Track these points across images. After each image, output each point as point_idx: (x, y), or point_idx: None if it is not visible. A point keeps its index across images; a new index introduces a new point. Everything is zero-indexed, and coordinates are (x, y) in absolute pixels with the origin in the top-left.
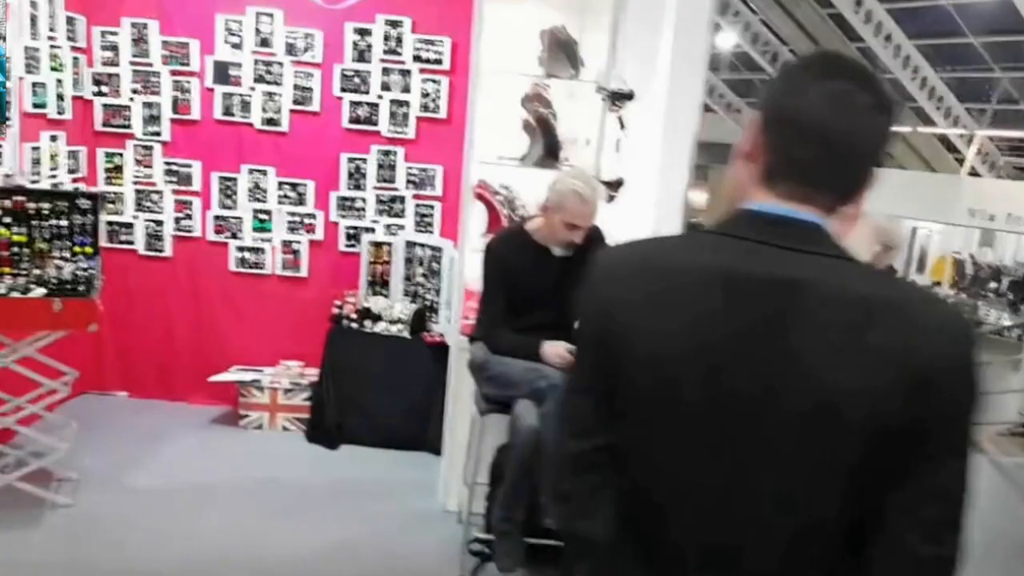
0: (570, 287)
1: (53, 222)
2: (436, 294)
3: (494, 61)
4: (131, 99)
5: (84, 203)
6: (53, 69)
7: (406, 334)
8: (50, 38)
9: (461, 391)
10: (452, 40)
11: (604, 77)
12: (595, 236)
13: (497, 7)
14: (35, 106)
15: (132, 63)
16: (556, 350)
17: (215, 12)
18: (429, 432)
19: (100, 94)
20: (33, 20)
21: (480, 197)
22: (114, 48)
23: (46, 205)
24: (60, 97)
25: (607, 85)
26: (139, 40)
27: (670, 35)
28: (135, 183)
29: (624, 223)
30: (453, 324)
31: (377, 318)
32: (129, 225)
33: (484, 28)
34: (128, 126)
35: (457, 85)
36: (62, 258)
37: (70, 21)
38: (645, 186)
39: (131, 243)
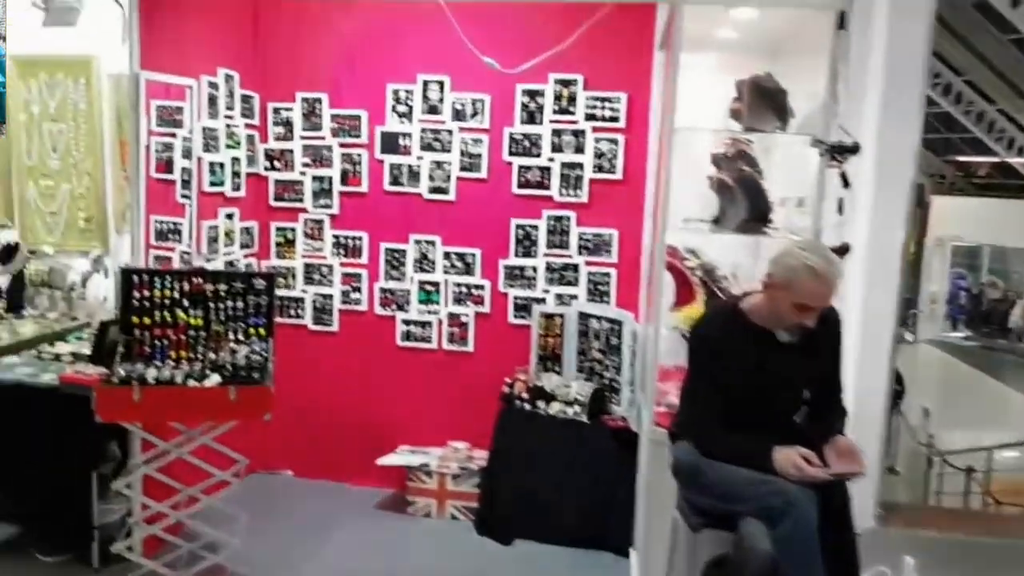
0: (800, 378)
1: (229, 303)
2: (615, 372)
3: (680, 116)
4: (302, 173)
5: (259, 283)
6: (229, 147)
7: (584, 417)
8: (227, 117)
9: (656, 489)
10: (628, 96)
11: (821, 128)
12: (830, 319)
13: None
14: (212, 184)
15: (304, 137)
16: (791, 459)
17: (385, 82)
18: (613, 530)
19: (273, 169)
20: (212, 101)
21: (670, 267)
22: (287, 124)
23: (223, 287)
24: (236, 175)
25: (826, 137)
26: (310, 114)
27: (882, 78)
28: (305, 256)
29: None
30: (644, 410)
31: (551, 398)
32: (299, 300)
33: (673, 80)
34: (300, 200)
35: (633, 143)
36: (236, 340)
37: (246, 99)
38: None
39: (300, 317)
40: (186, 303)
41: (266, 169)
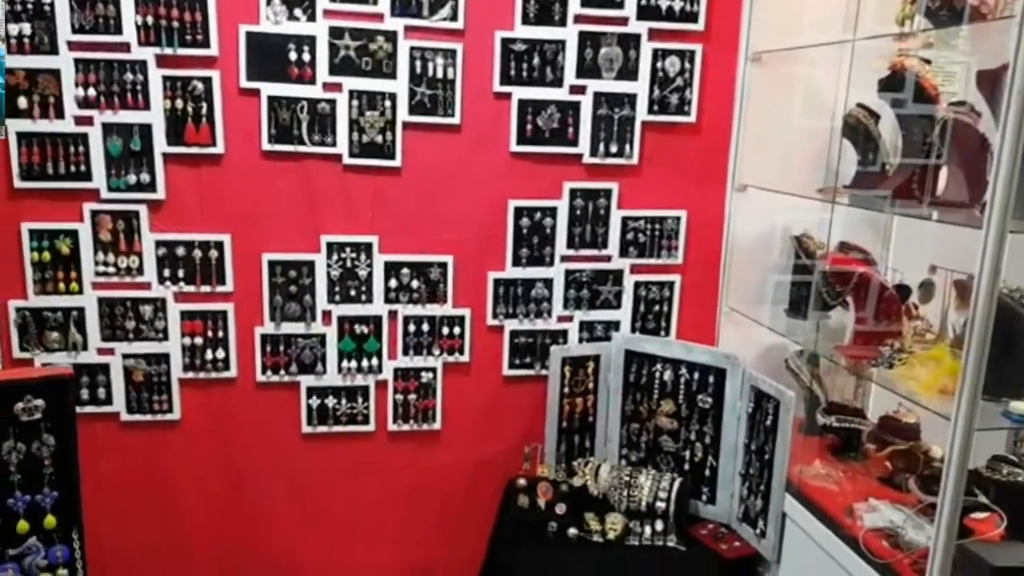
0: None
1: None
2: (705, 453)
3: None
4: (81, 121)
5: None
6: None
7: (673, 540)
8: None
9: None
10: None
11: None
12: None
13: None
14: None
15: (78, 46)
16: None
17: None
18: None
19: (17, 115)
20: None
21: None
22: (41, 15)
23: None
24: None
25: None
26: (91, 0)
27: None
28: (101, 288)
29: None
30: (771, 524)
31: (603, 507)
32: (97, 368)
33: None
34: (81, 175)
35: (715, 62)
36: None
37: None
38: None
39: (104, 402)
40: None
41: None
